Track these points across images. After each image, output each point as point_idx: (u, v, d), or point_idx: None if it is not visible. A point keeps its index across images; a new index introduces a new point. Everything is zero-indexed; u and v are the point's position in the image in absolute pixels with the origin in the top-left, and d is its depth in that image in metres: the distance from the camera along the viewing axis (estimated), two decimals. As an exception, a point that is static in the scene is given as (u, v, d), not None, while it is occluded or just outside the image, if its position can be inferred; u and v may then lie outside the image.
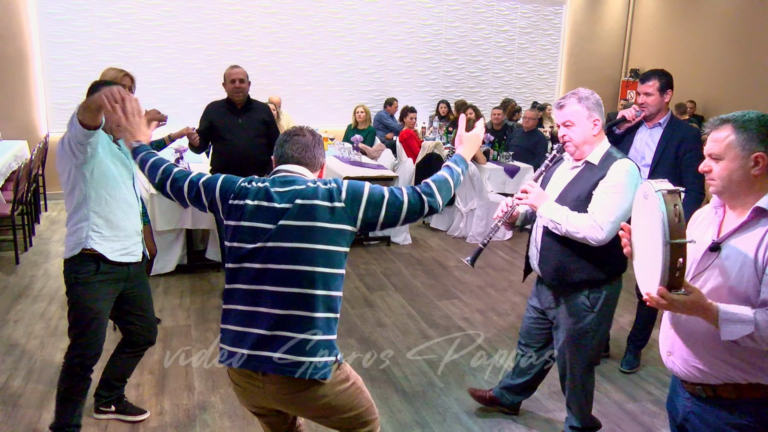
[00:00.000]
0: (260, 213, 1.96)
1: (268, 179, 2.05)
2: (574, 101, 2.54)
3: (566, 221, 2.49)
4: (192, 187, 2.10)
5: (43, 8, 7.82)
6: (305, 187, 1.97)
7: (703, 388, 1.80)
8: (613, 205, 2.45)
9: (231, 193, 2.03)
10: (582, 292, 2.66)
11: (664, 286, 1.60)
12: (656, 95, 3.46)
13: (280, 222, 1.93)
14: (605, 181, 2.49)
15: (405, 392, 3.46)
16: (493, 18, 10.67)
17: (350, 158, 6.84)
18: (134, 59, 8.27)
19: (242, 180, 2.06)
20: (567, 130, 2.56)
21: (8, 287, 4.83)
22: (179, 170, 2.16)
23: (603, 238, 2.45)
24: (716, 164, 1.77)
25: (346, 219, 1.96)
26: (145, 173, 2.20)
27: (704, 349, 1.77)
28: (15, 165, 6.38)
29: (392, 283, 5.23)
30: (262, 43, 9.08)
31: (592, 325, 2.69)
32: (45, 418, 3.09)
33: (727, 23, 9.99)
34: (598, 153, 2.58)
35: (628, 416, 3.30)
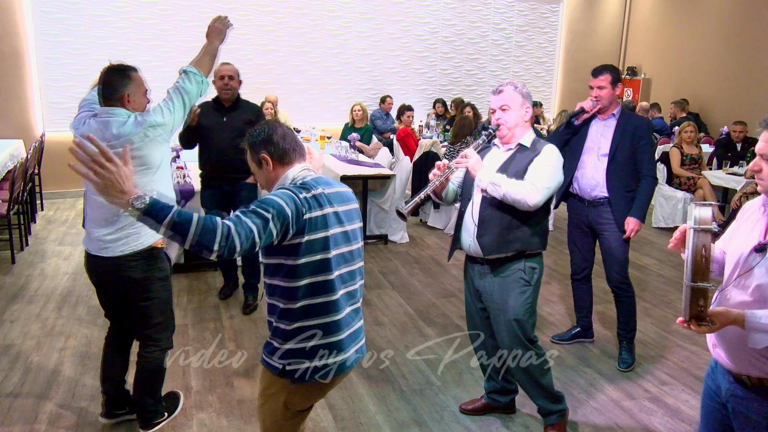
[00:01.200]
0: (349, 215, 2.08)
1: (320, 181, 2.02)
2: (511, 88, 2.79)
3: (506, 183, 2.66)
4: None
5: (38, 7, 7.79)
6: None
7: (749, 377, 1.81)
8: (549, 175, 2.70)
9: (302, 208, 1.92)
10: (518, 266, 2.80)
11: (689, 318, 1.66)
12: (609, 88, 3.61)
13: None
14: (541, 158, 2.73)
15: (402, 391, 3.46)
16: (490, 16, 10.66)
17: (347, 157, 6.83)
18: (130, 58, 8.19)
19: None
20: (503, 114, 2.78)
21: (4, 287, 4.81)
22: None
23: (538, 201, 2.65)
24: (767, 165, 1.74)
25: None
26: (195, 242, 1.68)
27: (745, 348, 1.76)
28: (11, 164, 6.35)
29: (389, 281, 5.23)
30: (258, 42, 9.06)
31: (531, 300, 2.84)
32: (41, 418, 3.07)
33: (723, 21, 10.00)
34: (528, 138, 2.82)
35: (626, 414, 3.30)
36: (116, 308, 2.90)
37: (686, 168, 7.15)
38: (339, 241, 1.97)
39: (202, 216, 1.70)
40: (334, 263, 1.95)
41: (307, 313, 1.93)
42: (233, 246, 1.70)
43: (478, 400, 3.28)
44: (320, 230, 1.91)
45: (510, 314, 2.82)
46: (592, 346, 4.06)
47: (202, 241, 1.67)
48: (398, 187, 6.39)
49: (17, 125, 7.75)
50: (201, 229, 1.67)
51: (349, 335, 2.03)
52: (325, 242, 1.92)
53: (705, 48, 10.32)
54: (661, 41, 11.27)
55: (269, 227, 1.78)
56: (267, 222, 1.77)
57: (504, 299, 2.82)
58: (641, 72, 11.73)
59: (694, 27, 10.55)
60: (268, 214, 1.77)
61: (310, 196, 1.90)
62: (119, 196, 1.68)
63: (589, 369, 3.76)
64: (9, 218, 5.27)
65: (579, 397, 3.44)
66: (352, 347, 2.04)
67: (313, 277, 1.91)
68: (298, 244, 1.88)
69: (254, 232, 1.74)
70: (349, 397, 3.37)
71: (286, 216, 1.81)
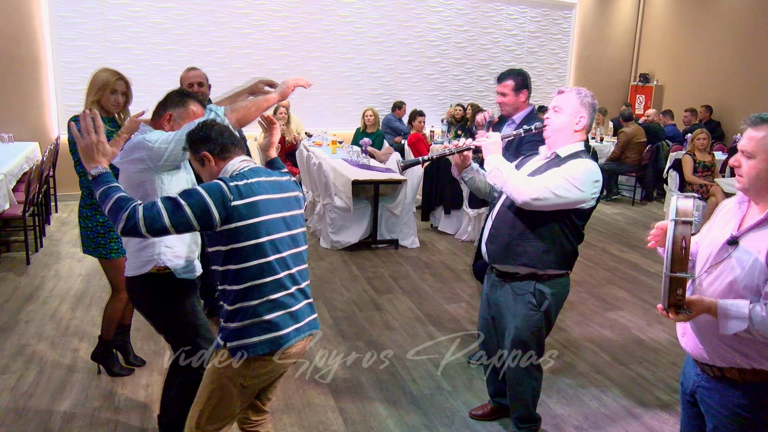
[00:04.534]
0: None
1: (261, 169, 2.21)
2: (574, 93, 2.61)
3: (509, 172, 2.53)
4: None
5: (55, 12, 7.90)
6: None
7: (711, 368, 1.91)
8: (559, 184, 2.47)
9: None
10: (528, 288, 2.68)
11: (668, 306, 1.75)
12: (511, 95, 3.56)
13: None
14: (562, 167, 2.53)
15: (413, 395, 3.46)
16: (502, 22, 10.67)
17: (359, 161, 6.85)
18: (145, 62, 8.33)
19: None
20: (552, 114, 2.63)
21: (19, 288, 4.87)
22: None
23: (531, 198, 2.46)
24: (747, 161, 1.80)
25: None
26: (113, 212, 2.00)
27: (712, 336, 1.86)
28: (27, 166, 6.43)
29: (400, 286, 5.24)
30: (271, 47, 9.12)
31: (538, 326, 2.73)
32: (55, 418, 3.11)
33: (736, 28, 9.94)
34: (569, 149, 2.61)
35: (637, 421, 3.28)
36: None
37: (699, 175, 7.11)
38: (276, 227, 2.09)
39: (122, 196, 2.01)
40: (270, 247, 2.06)
41: (247, 294, 2.06)
42: (135, 225, 1.95)
43: (486, 405, 3.29)
44: (252, 217, 2.03)
45: (512, 333, 2.78)
46: (603, 353, 4.05)
47: (111, 216, 2.00)
48: (409, 192, 6.41)
49: (33, 128, 7.85)
50: (113, 206, 1.99)
51: (290, 314, 2.13)
52: (258, 228, 2.04)
53: (718, 55, 10.26)
54: (674, 48, 11.22)
55: (182, 212, 1.97)
56: (179, 207, 1.97)
57: (509, 317, 2.78)
58: (654, 79, 11.69)
59: (708, 34, 10.50)
60: (183, 201, 1.98)
61: (243, 185, 2.04)
62: (89, 162, 2.09)
63: (600, 376, 3.75)
64: (24, 220, 5.34)
65: (590, 404, 3.43)
66: (294, 325, 2.14)
67: (250, 261, 2.04)
68: (231, 231, 2.01)
69: (162, 216, 1.96)
70: (359, 402, 3.38)
71: (206, 204, 1.97)
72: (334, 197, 6.19)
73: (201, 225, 2.00)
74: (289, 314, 2.12)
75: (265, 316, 2.07)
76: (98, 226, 3.33)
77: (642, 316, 4.72)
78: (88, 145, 2.09)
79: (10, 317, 4.30)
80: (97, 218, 3.33)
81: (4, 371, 3.56)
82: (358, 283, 5.24)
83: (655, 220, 7.94)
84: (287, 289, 2.12)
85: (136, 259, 2.52)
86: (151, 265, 2.51)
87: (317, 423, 3.16)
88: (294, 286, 2.16)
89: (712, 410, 1.94)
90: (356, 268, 5.65)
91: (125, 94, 3.39)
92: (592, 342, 4.23)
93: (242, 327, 2.07)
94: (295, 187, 2.29)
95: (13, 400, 3.25)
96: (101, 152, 2.11)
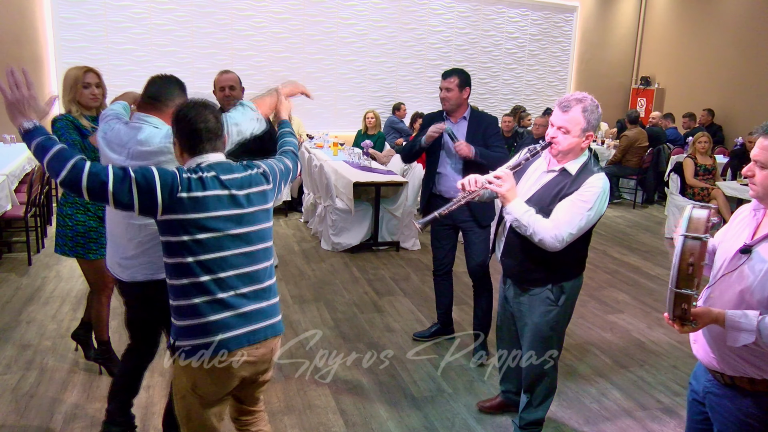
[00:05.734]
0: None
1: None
2: (579, 110, 2.48)
3: (532, 223, 2.49)
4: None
5: (57, 13, 7.92)
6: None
7: (723, 376, 1.90)
8: (578, 216, 2.47)
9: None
10: (546, 287, 2.71)
11: (673, 318, 1.75)
12: (456, 90, 3.75)
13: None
14: (576, 193, 2.50)
15: (414, 397, 3.47)
16: (504, 25, 10.69)
17: (360, 163, 6.86)
18: (147, 64, 8.35)
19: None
20: (559, 134, 2.52)
21: (21, 288, 4.88)
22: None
23: (558, 248, 2.50)
24: (760, 171, 1.80)
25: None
26: (46, 163, 1.92)
27: (723, 345, 1.84)
28: (28, 167, 6.44)
29: (401, 288, 5.24)
30: (273, 49, 9.14)
31: (557, 318, 2.75)
32: (56, 418, 3.11)
33: (738, 32, 9.95)
34: (576, 163, 2.56)
35: (638, 424, 3.28)
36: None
37: (700, 179, 7.12)
38: (227, 224, 1.99)
39: (66, 149, 1.91)
40: (215, 244, 1.96)
41: (190, 291, 1.96)
42: (78, 178, 1.86)
43: (495, 398, 3.33)
44: (199, 211, 1.94)
45: (532, 330, 2.79)
46: (604, 356, 4.05)
47: (53, 164, 1.88)
48: (410, 194, 6.41)
49: (35, 129, 7.86)
50: (56, 154, 1.89)
51: (238, 315, 2.01)
52: (205, 223, 1.95)
53: (719, 58, 10.28)
54: (676, 51, 11.23)
55: (127, 184, 1.88)
56: (126, 178, 1.89)
57: (528, 315, 2.79)
58: (655, 82, 11.71)
59: (709, 37, 10.51)
60: (132, 174, 1.90)
61: (195, 178, 1.96)
62: (19, 116, 1.97)
63: (601, 378, 3.75)
64: (26, 220, 5.35)
65: (591, 407, 3.43)
66: (243, 328, 2.02)
67: (195, 256, 1.95)
68: (174, 221, 1.93)
69: (108, 178, 1.87)
70: (360, 403, 3.38)
71: (152, 184, 1.89)
72: (336, 199, 6.20)
73: (141, 206, 1.91)
74: (238, 315, 2.01)
75: (208, 316, 1.97)
76: (78, 225, 3.28)
77: (643, 318, 4.73)
78: (18, 99, 1.97)
79: (12, 318, 4.30)
80: (78, 217, 3.29)
81: (6, 371, 3.56)
82: (359, 285, 5.24)
83: (656, 223, 7.96)
84: (236, 289, 2.00)
85: (149, 268, 2.47)
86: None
87: (318, 424, 3.16)
88: (247, 287, 2.04)
89: (720, 417, 1.94)
90: (357, 269, 5.66)
91: (99, 85, 3.30)
92: (593, 345, 4.23)
93: (185, 327, 1.98)
94: (264, 182, 2.14)
95: (15, 401, 3.26)
96: (33, 108, 2.00)
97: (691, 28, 10.92)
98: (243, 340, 2.02)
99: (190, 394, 2.06)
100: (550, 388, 2.94)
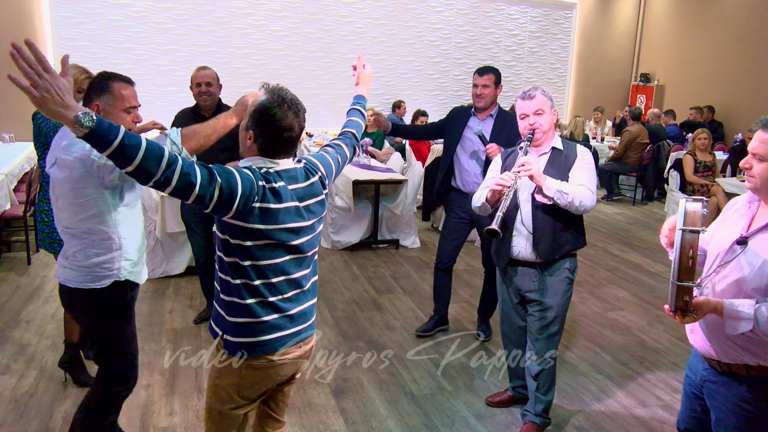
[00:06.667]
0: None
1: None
2: (541, 93, 2.84)
3: (571, 189, 2.70)
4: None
5: (56, 12, 7.91)
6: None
7: (719, 363, 1.96)
8: (592, 175, 2.82)
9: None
10: (564, 264, 2.91)
11: (675, 310, 1.79)
12: (492, 87, 3.85)
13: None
14: (582, 161, 2.84)
15: (414, 395, 3.46)
16: (503, 22, 10.68)
17: (360, 161, 6.85)
18: (146, 62, 8.35)
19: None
20: (538, 118, 2.83)
21: (20, 288, 4.87)
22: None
23: (595, 203, 2.78)
24: (758, 163, 1.85)
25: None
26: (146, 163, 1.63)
27: (720, 334, 1.90)
28: (27, 166, 6.43)
29: (401, 285, 5.24)
30: (272, 47, 9.13)
31: (570, 297, 2.98)
32: (56, 417, 3.11)
33: (738, 28, 9.94)
34: (558, 141, 2.91)
35: (638, 421, 3.28)
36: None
37: (700, 175, 7.11)
38: (288, 236, 1.94)
39: (147, 139, 1.66)
40: (273, 253, 1.92)
41: (243, 291, 1.93)
42: (170, 177, 1.67)
43: (503, 393, 3.39)
44: (267, 223, 1.87)
45: (553, 312, 2.92)
46: (604, 353, 4.05)
47: (146, 166, 1.63)
48: (410, 192, 6.41)
49: (34, 128, 7.86)
50: (147, 153, 1.62)
51: (286, 317, 2.01)
52: (269, 233, 1.88)
53: (719, 55, 10.26)
54: (675, 48, 11.22)
55: (212, 188, 1.74)
56: (212, 182, 1.74)
57: (551, 298, 2.91)
58: (654, 78, 11.69)
59: (709, 33, 10.50)
60: (218, 177, 1.75)
61: (269, 188, 1.87)
62: (61, 111, 1.59)
63: (601, 376, 3.75)
64: (25, 220, 5.34)
65: (590, 404, 3.43)
66: (290, 329, 2.03)
67: (252, 261, 1.90)
68: (239, 227, 1.85)
69: (197, 180, 1.71)
70: (360, 401, 3.38)
71: (234, 193, 1.77)
72: (335, 197, 6.19)
73: (214, 209, 1.80)
74: (286, 317, 2.01)
75: (260, 317, 1.96)
76: (54, 221, 3.19)
77: (643, 316, 4.72)
78: (48, 88, 1.59)
79: (11, 317, 4.30)
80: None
81: (5, 371, 3.56)
82: (358, 283, 5.24)
83: (656, 220, 7.95)
84: (282, 293, 1.99)
85: (89, 272, 2.32)
86: (111, 280, 2.34)
87: (318, 423, 3.16)
88: (292, 291, 2.02)
89: (717, 403, 2.00)
90: (357, 268, 5.65)
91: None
92: (593, 342, 4.23)
93: (238, 324, 1.98)
94: (320, 191, 2.08)
95: (14, 400, 3.26)
96: (65, 89, 1.63)
97: (691, 25, 10.90)
98: (290, 340, 2.03)
99: (229, 390, 2.05)
100: (552, 373, 3.06)
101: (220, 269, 1.99)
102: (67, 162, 2.17)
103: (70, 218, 2.28)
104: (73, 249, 2.33)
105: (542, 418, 3.07)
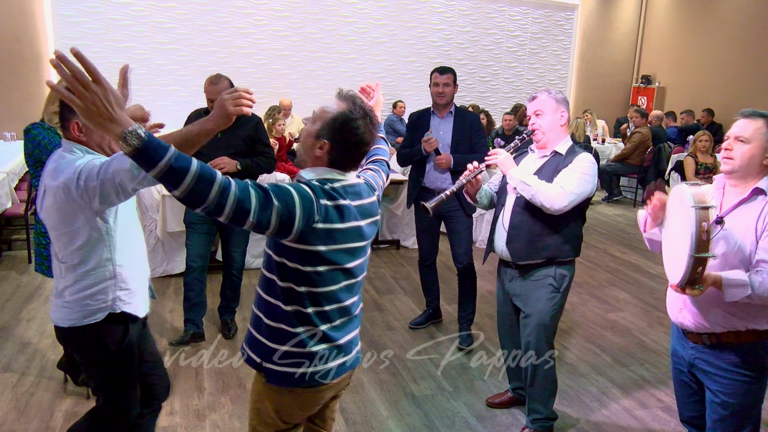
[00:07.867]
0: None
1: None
2: (545, 94, 2.81)
3: (536, 183, 2.68)
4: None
5: (58, 11, 7.92)
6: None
7: (709, 336, 2.15)
8: (579, 182, 2.68)
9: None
10: (548, 272, 2.83)
11: (684, 284, 1.92)
12: (452, 86, 4.00)
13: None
14: (572, 165, 2.73)
15: (414, 395, 3.47)
16: (505, 23, 10.68)
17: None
18: (147, 62, 8.35)
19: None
20: (537, 119, 2.80)
21: (21, 286, 4.88)
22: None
23: (565, 206, 2.65)
24: (741, 146, 2.05)
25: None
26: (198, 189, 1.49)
27: (713, 304, 2.10)
28: (29, 165, 6.44)
29: (401, 286, 5.24)
30: (273, 47, 9.14)
31: (558, 306, 2.88)
32: (57, 416, 3.11)
33: (739, 30, 9.94)
34: (564, 145, 2.82)
35: (638, 423, 3.28)
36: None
37: (700, 177, 7.12)
38: (346, 257, 1.82)
39: (199, 162, 1.51)
40: (330, 277, 1.80)
41: (293, 318, 1.81)
42: (223, 204, 1.53)
43: (504, 394, 3.39)
44: (329, 244, 1.74)
45: (536, 318, 2.87)
46: (605, 354, 4.05)
47: (197, 191, 1.49)
48: (411, 193, 6.41)
49: (35, 127, 7.86)
50: (198, 177, 1.48)
51: (333, 347, 1.88)
52: (329, 255, 1.76)
53: (721, 56, 10.27)
54: (676, 49, 11.22)
55: (268, 212, 1.60)
56: (268, 206, 1.60)
57: (532, 303, 2.87)
58: (655, 80, 11.70)
59: (710, 35, 10.50)
60: (275, 200, 1.61)
61: (332, 206, 1.73)
62: (108, 125, 1.46)
63: (601, 377, 3.75)
64: (26, 218, 5.35)
65: (591, 405, 3.43)
66: (337, 360, 1.90)
67: (309, 287, 1.78)
68: (299, 250, 1.73)
69: (251, 207, 1.57)
70: (360, 402, 3.38)
71: (293, 214, 1.64)
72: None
73: (273, 232, 1.65)
74: (333, 347, 1.87)
75: (307, 347, 1.82)
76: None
77: (643, 317, 4.72)
78: (95, 101, 1.46)
79: (12, 315, 4.30)
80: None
81: (6, 369, 3.56)
82: (359, 284, 5.24)
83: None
84: (332, 321, 1.86)
85: (81, 307, 2.07)
86: (105, 313, 2.08)
87: None
88: (341, 319, 1.89)
89: (711, 375, 2.17)
90: (357, 268, 5.65)
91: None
92: (593, 343, 4.23)
93: (282, 352, 1.83)
94: (377, 210, 1.95)
95: (15, 399, 3.26)
96: (119, 100, 1.50)
97: (692, 27, 10.90)
98: (336, 372, 1.90)
99: (271, 416, 1.93)
100: (552, 380, 3.01)
101: (269, 293, 1.83)
102: (52, 188, 1.95)
103: (62, 249, 2.05)
104: (66, 283, 2.08)
105: (540, 423, 3.05)
